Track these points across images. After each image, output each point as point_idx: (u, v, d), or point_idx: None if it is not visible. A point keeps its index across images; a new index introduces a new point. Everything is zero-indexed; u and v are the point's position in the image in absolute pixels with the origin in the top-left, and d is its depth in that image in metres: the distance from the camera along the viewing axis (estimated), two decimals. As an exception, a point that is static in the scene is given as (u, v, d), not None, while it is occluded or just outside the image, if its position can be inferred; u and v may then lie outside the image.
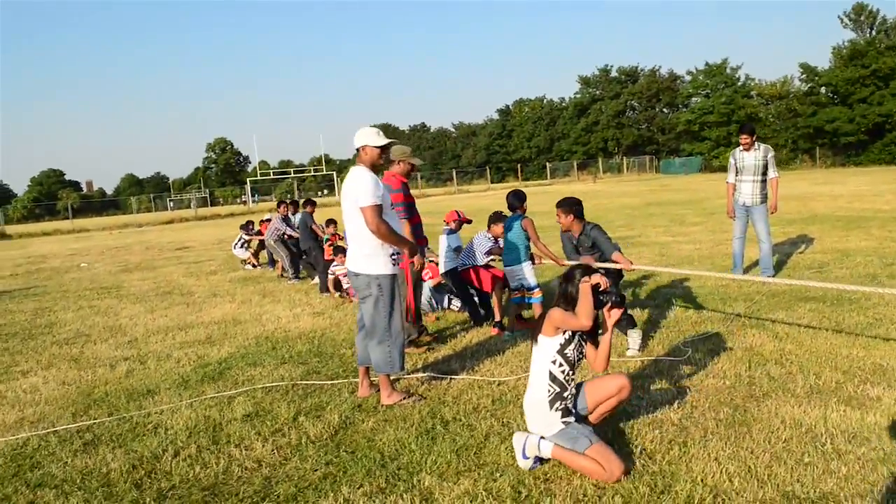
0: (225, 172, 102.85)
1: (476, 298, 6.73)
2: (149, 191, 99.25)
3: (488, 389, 4.51)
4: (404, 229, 5.22)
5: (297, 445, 3.74)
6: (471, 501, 2.95)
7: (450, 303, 7.41)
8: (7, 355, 6.95)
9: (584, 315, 3.21)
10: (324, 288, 9.23)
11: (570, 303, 3.32)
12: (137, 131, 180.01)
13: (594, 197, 29.42)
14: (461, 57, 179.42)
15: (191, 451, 3.79)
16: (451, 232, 6.97)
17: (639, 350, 5.11)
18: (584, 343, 3.38)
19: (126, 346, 6.96)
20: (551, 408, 3.25)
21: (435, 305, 7.36)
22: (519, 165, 67.32)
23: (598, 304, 3.28)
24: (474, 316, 6.61)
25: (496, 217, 6.49)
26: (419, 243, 5.32)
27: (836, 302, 6.42)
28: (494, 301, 6.32)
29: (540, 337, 3.32)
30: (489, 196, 40.42)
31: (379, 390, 4.42)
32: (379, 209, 4.20)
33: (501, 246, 6.27)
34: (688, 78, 66.22)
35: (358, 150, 4.43)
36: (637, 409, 3.92)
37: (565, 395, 3.30)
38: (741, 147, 8.05)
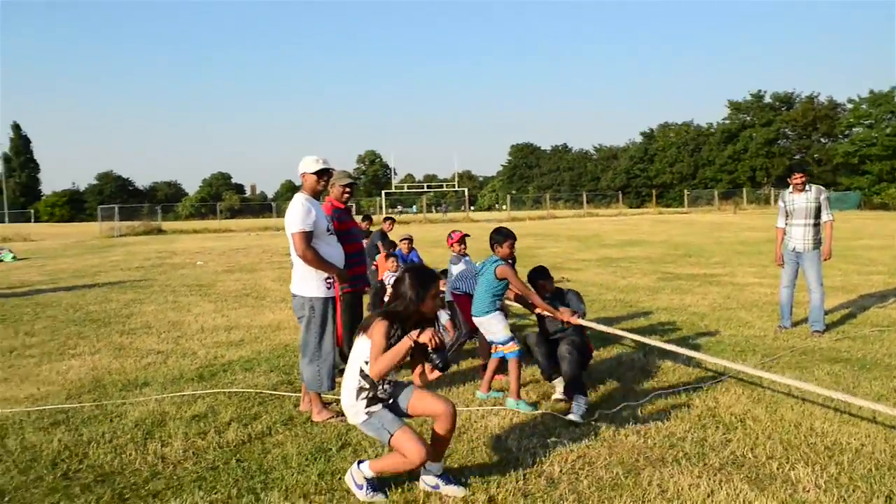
0: (372, 183, 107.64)
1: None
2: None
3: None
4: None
5: (205, 448, 4.04)
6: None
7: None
8: (75, 338, 7.89)
9: (383, 362, 3.16)
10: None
11: (400, 301, 3.34)
12: (298, 139, 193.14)
13: (718, 228, 27.91)
14: (606, 77, 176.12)
15: (120, 442, 4.21)
16: (457, 259, 6.71)
17: (580, 419, 4.49)
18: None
19: (170, 340, 7.66)
20: (357, 397, 3.31)
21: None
22: (654, 191, 64.77)
23: (425, 356, 3.28)
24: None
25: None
26: (356, 271, 5.19)
27: (868, 366, 5.80)
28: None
29: (363, 335, 3.31)
30: (616, 221, 39.43)
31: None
32: (306, 235, 4.43)
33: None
34: (849, 106, 60.79)
35: (300, 177, 4.67)
36: (536, 450, 3.85)
37: (375, 389, 3.34)
38: (791, 189, 7.48)
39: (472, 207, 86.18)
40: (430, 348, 3.18)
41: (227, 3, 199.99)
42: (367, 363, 3.26)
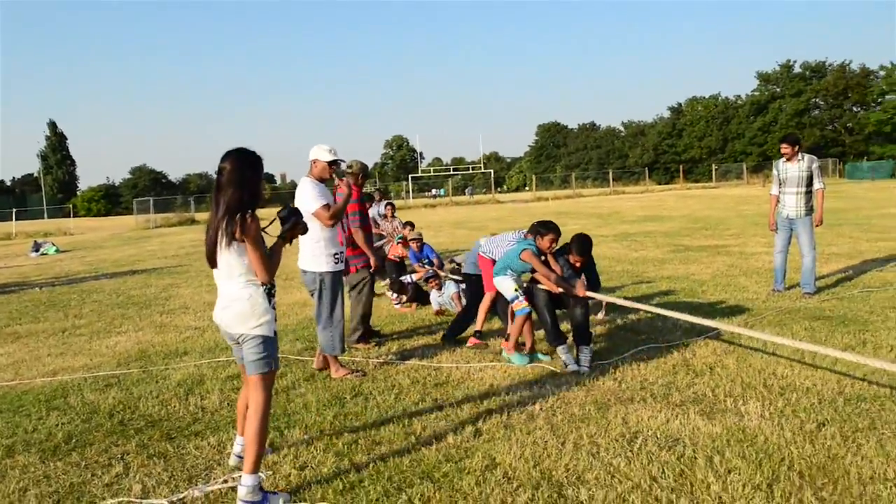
0: (400, 168, 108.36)
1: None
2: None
3: (423, 372, 5.17)
4: (358, 237, 5.95)
5: (234, 400, 4.69)
6: (306, 447, 3.70)
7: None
8: (120, 318, 8.65)
9: (276, 260, 3.21)
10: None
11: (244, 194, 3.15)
12: (326, 126, 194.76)
13: (742, 202, 27.97)
14: (632, 52, 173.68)
15: (166, 397, 4.88)
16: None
17: (587, 367, 5.01)
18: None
19: (206, 318, 8.35)
20: (270, 302, 3.22)
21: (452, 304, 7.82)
22: (681, 167, 64.29)
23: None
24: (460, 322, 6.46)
25: (547, 228, 5.49)
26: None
27: (846, 322, 6.22)
28: (482, 306, 6.10)
29: (232, 244, 3.13)
30: (642, 198, 39.51)
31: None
32: (327, 208, 5.01)
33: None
34: (882, 73, 59.54)
35: (310, 163, 5.25)
36: (522, 394, 4.42)
37: (273, 293, 3.24)
38: (783, 158, 7.85)
39: (499, 189, 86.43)
40: (302, 232, 3.34)
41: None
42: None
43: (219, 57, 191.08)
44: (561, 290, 5.22)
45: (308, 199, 5.01)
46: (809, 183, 7.71)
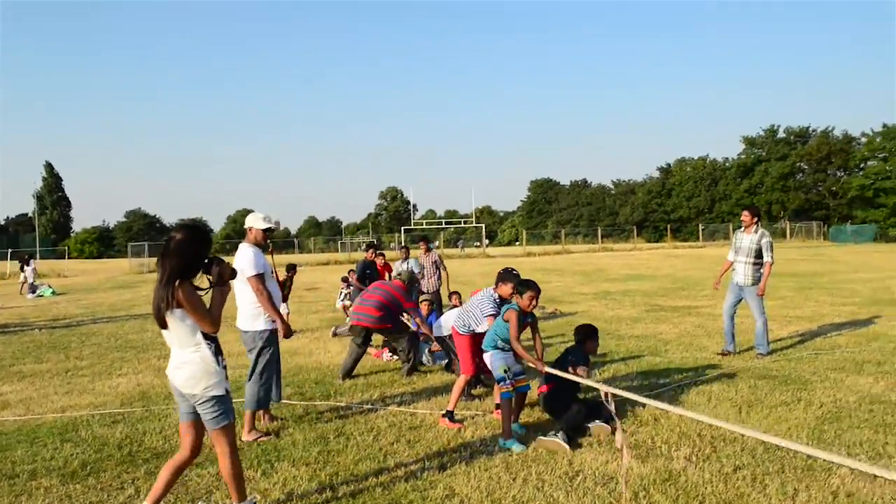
0: (393, 219, 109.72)
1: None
2: (325, 233, 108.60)
3: (400, 417, 5.76)
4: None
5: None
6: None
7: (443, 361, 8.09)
8: (119, 361, 9.20)
9: (215, 312, 3.46)
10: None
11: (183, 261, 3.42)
12: (320, 176, 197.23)
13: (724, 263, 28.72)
14: (624, 112, 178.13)
15: (168, 433, 5.45)
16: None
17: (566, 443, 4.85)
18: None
19: (201, 362, 8.92)
20: (219, 363, 3.50)
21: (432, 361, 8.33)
22: (669, 226, 65.67)
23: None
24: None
25: (506, 275, 5.67)
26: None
27: (788, 381, 6.83)
28: (455, 388, 5.71)
29: (169, 311, 3.39)
30: (628, 256, 40.41)
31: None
32: (261, 277, 5.28)
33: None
34: (863, 140, 61.69)
35: (246, 230, 5.56)
36: (488, 441, 5.01)
37: (219, 347, 3.58)
38: (742, 227, 8.56)
39: (490, 243, 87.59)
40: (231, 276, 3.54)
41: (249, 39, 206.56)
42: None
43: (214, 102, 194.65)
44: (531, 363, 5.19)
45: (245, 265, 5.27)
46: (758, 255, 8.38)
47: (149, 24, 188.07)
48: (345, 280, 13.77)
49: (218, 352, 3.49)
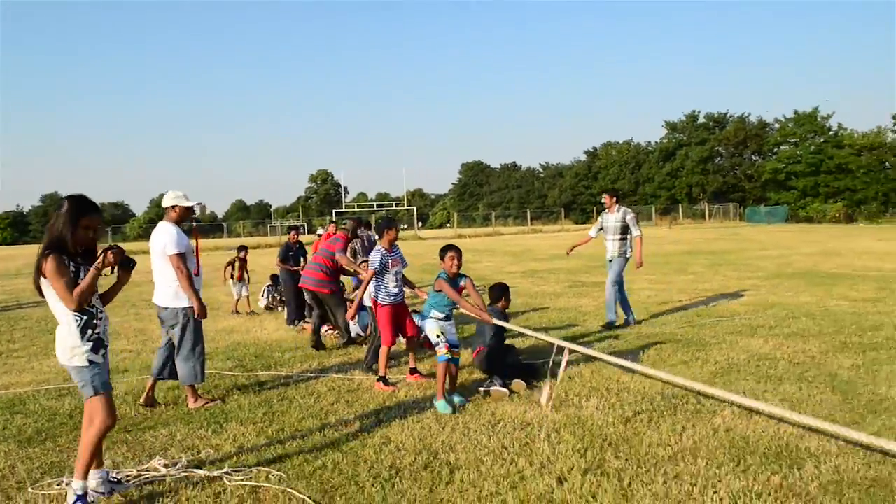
0: (324, 202, 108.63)
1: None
2: (253, 216, 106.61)
3: (339, 382, 6.21)
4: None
5: (182, 402, 5.58)
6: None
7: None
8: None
9: (79, 293, 3.38)
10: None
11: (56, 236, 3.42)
12: (248, 159, 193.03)
13: (649, 243, 30.12)
14: (553, 97, 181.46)
15: (117, 403, 5.67)
16: None
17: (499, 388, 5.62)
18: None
19: (139, 342, 9.15)
20: (83, 337, 3.48)
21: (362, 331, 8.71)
22: (595, 208, 67.77)
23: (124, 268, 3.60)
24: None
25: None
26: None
27: (691, 344, 7.60)
28: (381, 356, 6.14)
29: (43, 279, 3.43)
30: (556, 237, 41.67)
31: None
32: (183, 256, 5.30)
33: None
34: (776, 126, 65.20)
35: (166, 208, 5.51)
36: (421, 399, 5.52)
37: (95, 322, 3.53)
38: (605, 209, 9.28)
39: (422, 225, 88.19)
40: (113, 263, 3.48)
41: (171, 23, 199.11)
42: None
43: (142, 85, 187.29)
44: (472, 313, 5.59)
45: (168, 242, 5.29)
46: (623, 231, 9.11)
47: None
48: (274, 279, 13.26)
49: (88, 325, 3.49)
